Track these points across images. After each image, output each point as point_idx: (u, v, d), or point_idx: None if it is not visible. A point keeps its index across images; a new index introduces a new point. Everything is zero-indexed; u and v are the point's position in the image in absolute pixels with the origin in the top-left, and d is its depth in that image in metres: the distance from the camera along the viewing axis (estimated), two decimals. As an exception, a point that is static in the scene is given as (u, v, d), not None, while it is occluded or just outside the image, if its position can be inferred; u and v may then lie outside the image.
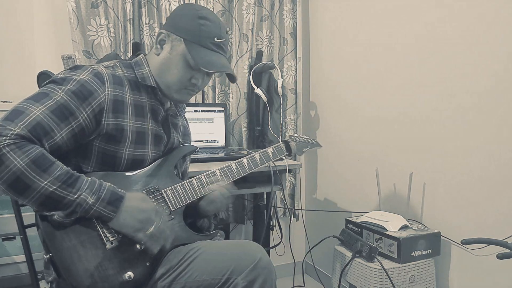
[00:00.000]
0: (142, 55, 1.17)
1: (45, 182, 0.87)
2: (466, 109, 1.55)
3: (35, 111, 0.91)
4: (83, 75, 1.00)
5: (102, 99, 1.01)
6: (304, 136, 1.53)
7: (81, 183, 0.92)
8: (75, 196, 0.91)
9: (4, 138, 0.85)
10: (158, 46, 1.12)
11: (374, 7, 1.99)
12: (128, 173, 1.08)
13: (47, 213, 0.95)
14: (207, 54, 1.08)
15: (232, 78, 1.19)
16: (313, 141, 1.55)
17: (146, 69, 1.13)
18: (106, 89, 1.02)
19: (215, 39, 1.10)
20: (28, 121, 0.89)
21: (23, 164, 0.85)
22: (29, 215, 1.22)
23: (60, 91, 0.96)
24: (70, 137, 0.96)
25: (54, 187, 0.88)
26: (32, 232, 1.22)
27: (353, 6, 2.14)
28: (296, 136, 1.48)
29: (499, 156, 1.44)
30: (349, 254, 1.63)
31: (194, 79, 1.12)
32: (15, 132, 0.86)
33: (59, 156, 0.94)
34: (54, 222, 0.95)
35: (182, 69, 1.10)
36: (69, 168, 0.93)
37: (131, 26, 1.98)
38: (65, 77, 0.99)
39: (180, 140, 1.24)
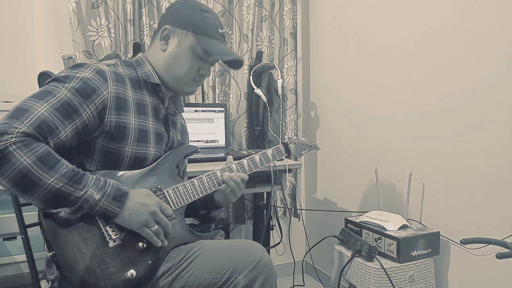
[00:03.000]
0: (141, 53, 1.19)
1: (52, 179, 0.88)
2: (465, 109, 1.56)
3: (39, 109, 0.91)
4: (86, 73, 1.01)
5: (105, 96, 1.01)
6: (303, 139, 1.53)
7: (87, 180, 0.94)
8: (82, 193, 0.92)
9: (10, 136, 0.85)
10: (163, 42, 1.14)
11: (374, 7, 2.00)
12: (129, 173, 1.08)
13: (53, 211, 0.95)
14: (216, 44, 1.14)
15: (239, 64, 1.23)
16: (312, 143, 1.56)
17: (148, 67, 1.15)
18: (109, 86, 1.03)
19: (219, 29, 1.16)
20: (33, 119, 0.89)
21: (30, 162, 0.86)
22: (30, 215, 1.22)
23: (63, 89, 0.96)
24: (74, 135, 0.97)
25: (61, 184, 0.89)
26: (33, 232, 1.22)
27: (353, 7, 2.15)
28: (295, 139, 1.49)
29: (499, 156, 1.45)
30: (348, 254, 1.64)
31: (202, 70, 1.17)
32: (21, 130, 0.87)
33: (63, 154, 0.95)
34: (58, 220, 0.96)
35: (191, 61, 1.14)
36: (74, 166, 0.94)
37: (132, 27, 1.99)
38: (68, 75, 1.00)
39: (179, 138, 1.25)
